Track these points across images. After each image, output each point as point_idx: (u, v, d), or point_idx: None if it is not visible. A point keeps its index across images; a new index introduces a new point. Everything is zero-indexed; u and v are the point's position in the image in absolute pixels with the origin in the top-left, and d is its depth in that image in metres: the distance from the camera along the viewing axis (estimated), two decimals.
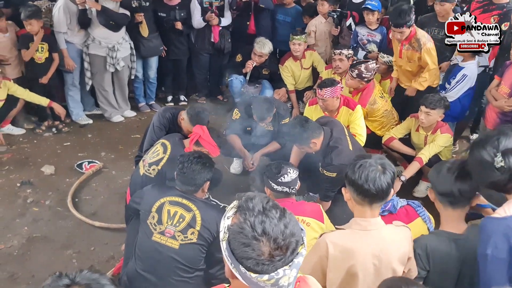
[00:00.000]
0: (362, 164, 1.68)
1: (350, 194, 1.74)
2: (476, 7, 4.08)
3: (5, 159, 4.09)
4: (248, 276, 1.01)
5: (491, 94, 3.64)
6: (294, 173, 2.44)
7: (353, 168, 1.69)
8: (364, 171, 1.66)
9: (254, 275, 1.00)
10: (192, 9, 4.97)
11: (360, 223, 1.72)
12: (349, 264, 1.69)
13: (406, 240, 1.79)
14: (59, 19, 4.33)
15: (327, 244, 1.70)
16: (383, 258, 1.70)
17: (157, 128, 3.20)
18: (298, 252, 1.04)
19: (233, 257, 1.03)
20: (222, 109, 4.98)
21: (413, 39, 3.73)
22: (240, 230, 1.01)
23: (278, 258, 1.00)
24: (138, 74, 5.06)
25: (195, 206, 2.26)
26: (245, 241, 1.00)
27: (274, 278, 1.00)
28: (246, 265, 1.01)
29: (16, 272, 2.82)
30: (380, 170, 1.66)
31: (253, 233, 1.00)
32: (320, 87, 3.44)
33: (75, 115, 4.84)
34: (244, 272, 1.01)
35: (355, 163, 1.70)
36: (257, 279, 1.00)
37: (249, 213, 1.03)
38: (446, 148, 3.59)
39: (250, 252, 1.00)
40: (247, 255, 1.00)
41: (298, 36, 4.71)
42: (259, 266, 0.99)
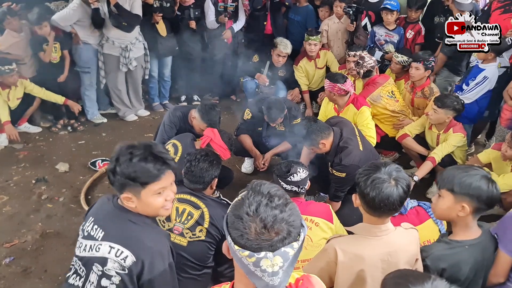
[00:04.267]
0: (375, 180, 1.62)
1: (360, 203, 1.70)
2: (497, 7, 4.00)
3: (21, 157, 4.18)
4: (232, 247, 1.05)
5: (508, 93, 3.57)
6: (304, 172, 2.42)
7: (365, 182, 1.64)
8: (377, 189, 1.61)
9: (237, 248, 1.04)
10: (206, 9, 4.99)
11: (370, 229, 1.69)
12: (358, 270, 1.68)
13: (414, 242, 1.77)
14: (67, 14, 4.35)
15: (336, 250, 1.68)
16: (392, 261, 1.68)
17: (168, 126, 3.22)
18: (288, 242, 1.04)
19: (226, 226, 1.08)
20: (235, 109, 5.00)
21: (427, 88, 3.91)
22: (238, 204, 1.07)
23: (263, 238, 1.02)
24: (153, 73, 5.12)
25: (204, 204, 2.26)
26: (238, 213, 1.05)
27: (255, 257, 1.02)
28: (233, 236, 1.05)
29: (29, 266, 2.87)
30: (393, 185, 1.62)
31: (247, 209, 1.04)
32: (326, 77, 3.57)
33: (90, 114, 4.92)
34: (230, 242, 1.06)
35: (368, 177, 1.64)
36: (239, 253, 1.04)
37: (253, 193, 1.07)
38: (460, 149, 3.52)
39: (238, 223, 1.04)
40: (235, 225, 1.05)
41: (314, 37, 4.70)
42: (243, 239, 1.03)
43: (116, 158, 1.52)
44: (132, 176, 1.50)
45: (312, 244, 2.31)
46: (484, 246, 1.87)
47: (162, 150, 1.58)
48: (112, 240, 1.54)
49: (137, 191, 1.53)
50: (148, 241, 1.54)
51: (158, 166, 1.52)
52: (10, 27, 4.27)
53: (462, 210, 1.78)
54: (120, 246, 1.53)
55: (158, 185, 1.54)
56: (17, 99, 4.32)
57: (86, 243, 1.59)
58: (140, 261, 1.51)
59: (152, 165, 1.51)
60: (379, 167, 1.66)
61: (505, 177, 3.04)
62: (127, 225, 1.57)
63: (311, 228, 2.32)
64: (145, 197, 1.55)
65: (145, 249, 1.53)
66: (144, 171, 1.50)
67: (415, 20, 4.59)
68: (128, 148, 1.53)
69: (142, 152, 1.52)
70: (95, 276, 1.55)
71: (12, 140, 4.28)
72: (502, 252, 1.92)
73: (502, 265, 1.93)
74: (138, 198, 1.55)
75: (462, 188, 1.75)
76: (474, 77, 3.79)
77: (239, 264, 1.06)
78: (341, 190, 3.03)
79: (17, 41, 4.33)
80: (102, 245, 1.55)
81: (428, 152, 3.56)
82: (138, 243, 1.53)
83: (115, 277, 1.52)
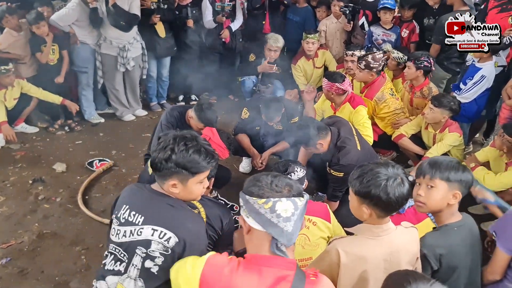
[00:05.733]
0: (381, 178, 1.60)
1: (364, 205, 1.65)
2: (493, 5, 4.00)
3: (18, 157, 4.17)
4: (250, 202, 1.32)
5: (506, 92, 3.57)
6: (301, 172, 2.42)
7: (371, 182, 1.60)
8: (389, 187, 1.59)
9: (255, 199, 1.31)
10: (203, 9, 4.99)
11: (373, 230, 1.68)
12: (361, 271, 1.67)
13: (415, 241, 1.77)
14: (66, 13, 4.35)
15: (339, 252, 1.66)
16: (394, 261, 1.68)
17: (165, 126, 3.20)
18: (294, 195, 1.33)
19: (242, 193, 1.37)
20: (233, 108, 4.99)
21: (425, 88, 3.90)
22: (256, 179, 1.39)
23: (276, 190, 1.32)
24: (152, 73, 5.11)
25: (200, 204, 2.24)
26: (256, 176, 1.40)
27: (271, 201, 1.30)
28: (250, 191, 1.34)
29: (26, 267, 2.86)
30: (399, 182, 1.61)
31: (263, 178, 1.38)
32: (324, 75, 3.54)
33: (87, 114, 4.91)
34: (247, 198, 1.34)
35: (375, 176, 1.61)
36: (257, 203, 1.31)
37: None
38: (456, 148, 3.52)
39: (255, 184, 1.36)
40: (251, 186, 1.35)
41: (312, 35, 4.70)
42: (260, 190, 1.33)
43: (171, 148, 1.61)
44: (186, 166, 1.62)
45: (310, 243, 2.30)
46: (469, 227, 1.91)
47: (208, 144, 1.73)
48: (153, 223, 1.62)
49: (186, 179, 1.65)
50: (188, 223, 1.66)
51: (208, 159, 1.66)
52: (9, 26, 4.26)
53: (454, 198, 1.81)
54: (163, 228, 1.61)
55: (204, 175, 1.68)
56: (13, 99, 4.31)
57: (126, 229, 1.66)
58: (182, 241, 1.60)
59: (204, 157, 1.64)
60: (379, 167, 1.65)
61: (502, 176, 3.04)
62: (166, 209, 1.66)
63: (308, 227, 2.32)
64: (191, 184, 1.67)
65: (186, 229, 1.63)
66: (197, 162, 1.63)
67: (409, 19, 4.60)
68: (181, 139, 1.64)
69: (196, 144, 1.65)
70: (139, 258, 1.63)
71: (9, 140, 4.26)
72: (499, 250, 1.93)
73: (499, 263, 1.94)
74: (184, 185, 1.66)
75: (456, 176, 1.80)
76: (472, 76, 3.78)
77: (256, 219, 1.31)
78: (339, 190, 3.02)
79: (16, 40, 4.32)
80: (144, 229, 1.63)
81: (424, 152, 3.56)
82: (179, 225, 1.62)
83: (158, 258, 1.60)
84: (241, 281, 1.29)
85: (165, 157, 1.61)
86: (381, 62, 3.81)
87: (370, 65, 3.72)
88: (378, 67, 3.76)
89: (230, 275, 1.31)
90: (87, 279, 2.77)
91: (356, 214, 1.74)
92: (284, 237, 1.30)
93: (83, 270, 2.86)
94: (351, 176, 1.70)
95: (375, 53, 3.79)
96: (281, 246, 1.32)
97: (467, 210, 3.45)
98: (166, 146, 1.63)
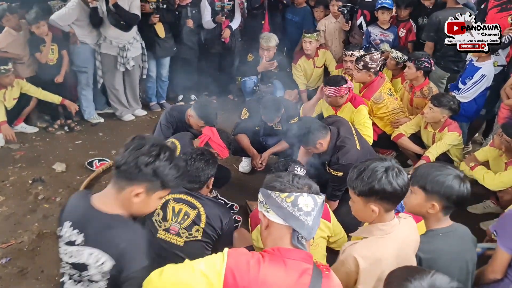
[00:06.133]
0: (379, 170, 1.61)
1: (371, 203, 1.65)
2: (493, 5, 4.00)
3: (17, 157, 4.16)
4: (272, 196, 1.37)
5: (505, 92, 3.57)
6: (301, 171, 2.42)
7: (375, 177, 1.60)
8: (389, 176, 1.60)
9: (277, 193, 1.37)
10: (202, 9, 4.99)
11: (382, 228, 1.68)
12: (379, 272, 1.66)
13: (414, 229, 1.79)
14: (66, 13, 4.35)
15: (356, 258, 1.65)
16: (403, 254, 1.68)
17: (164, 126, 3.21)
18: (313, 192, 1.39)
19: (264, 188, 1.42)
20: (233, 108, 4.99)
21: (426, 87, 3.90)
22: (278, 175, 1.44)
23: (297, 186, 1.38)
24: (151, 73, 5.11)
25: (200, 204, 2.26)
26: (277, 174, 1.45)
27: (293, 195, 1.35)
28: (272, 185, 1.39)
29: (25, 267, 2.85)
30: (397, 171, 1.63)
31: (288, 177, 1.43)
32: (325, 84, 3.48)
33: (87, 114, 4.91)
34: (269, 193, 1.38)
35: (373, 171, 1.62)
36: (279, 196, 1.36)
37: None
38: (456, 148, 3.53)
39: (277, 179, 1.41)
40: (273, 181, 1.41)
41: (309, 34, 4.71)
42: (282, 185, 1.38)
43: (156, 153, 1.49)
44: (164, 177, 1.50)
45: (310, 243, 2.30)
46: (459, 235, 1.89)
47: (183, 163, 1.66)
48: (91, 245, 1.50)
49: (154, 190, 1.53)
50: (127, 241, 1.50)
51: (181, 178, 1.58)
52: (9, 25, 4.26)
53: (432, 208, 1.80)
54: (99, 250, 1.49)
55: (168, 191, 1.58)
56: (13, 99, 4.30)
57: (71, 250, 1.54)
58: (119, 262, 1.48)
59: (180, 174, 1.55)
60: (372, 162, 1.66)
61: (502, 175, 3.05)
62: (105, 227, 1.50)
63: None
64: (155, 197, 1.55)
65: (124, 249, 1.49)
66: (174, 177, 1.53)
67: (405, 18, 4.60)
68: (165, 148, 1.53)
69: (178, 160, 1.56)
70: (86, 279, 1.55)
71: (9, 140, 4.26)
72: (500, 249, 1.93)
73: (500, 262, 1.94)
74: (148, 197, 1.53)
75: (434, 187, 1.77)
76: (471, 76, 3.77)
77: (278, 212, 1.36)
78: (339, 189, 3.02)
79: (15, 39, 4.32)
80: (83, 251, 1.51)
81: (424, 151, 3.56)
82: (117, 245, 1.48)
83: (101, 280, 1.52)
84: (269, 272, 1.29)
85: (147, 161, 1.47)
86: (379, 63, 3.81)
87: (368, 65, 3.72)
88: (376, 67, 3.76)
89: (258, 266, 1.30)
90: None
91: (363, 217, 1.72)
92: (305, 230, 1.36)
93: None
94: (350, 179, 1.69)
95: (373, 54, 3.79)
96: (301, 239, 1.37)
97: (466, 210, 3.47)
98: (150, 151, 1.48)
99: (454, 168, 1.87)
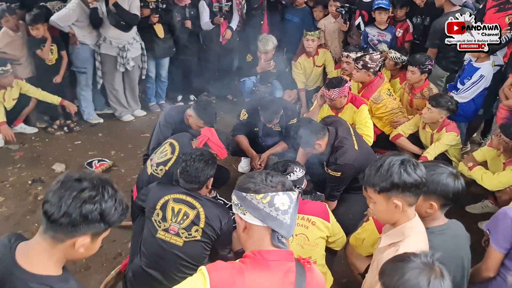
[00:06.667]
0: (393, 163, 1.62)
1: (393, 198, 1.63)
2: (491, 5, 4.01)
3: (17, 157, 4.17)
4: (248, 198, 1.35)
5: (504, 92, 3.58)
6: (300, 172, 2.41)
7: (393, 170, 1.61)
8: (406, 168, 1.61)
9: (252, 194, 1.35)
10: (201, 10, 5.00)
11: (412, 225, 1.67)
12: None
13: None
14: (66, 14, 4.36)
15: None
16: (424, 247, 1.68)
17: (164, 127, 3.21)
18: (287, 189, 1.38)
19: (237, 190, 1.39)
20: (232, 109, 4.99)
21: (426, 88, 3.91)
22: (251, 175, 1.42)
23: (270, 185, 1.36)
24: (151, 74, 5.12)
25: (199, 204, 2.27)
26: (249, 174, 1.43)
27: (269, 196, 1.34)
28: (246, 188, 1.36)
29: None
30: (414, 163, 1.64)
31: (260, 176, 1.40)
32: (328, 88, 3.45)
33: (86, 114, 4.91)
34: (244, 195, 1.36)
35: (391, 165, 1.62)
36: (255, 198, 1.34)
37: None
38: (454, 148, 3.54)
39: (250, 180, 1.38)
40: (246, 183, 1.38)
41: (311, 32, 4.72)
42: (256, 186, 1.36)
43: (101, 194, 1.25)
44: (111, 217, 1.27)
45: (309, 243, 2.31)
46: (454, 232, 1.90)
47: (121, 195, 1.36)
48: None
49: (100, 234, 1.29)
50: None
51: (125, 211, 1.34)
52: (8, 25, 4.26)
53: (430, 208, 1.81)
54: None
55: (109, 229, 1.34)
56: (12, 99, 4.31)
57: None
58: None
59: (123, 208, 1.32)
60: (387, 157, 1.66)
61: (500, 175, 3.06)
62: None
63: (307, 227, 2.32)
64: (99, 240, 1.32)
65: None
66: (119, 216, 1.30)
67: (402, 18, 4.61)
68: (106, 184, 1.29)
69: (114, 192, 1.30)
70: None
71: (8, 140, 4.26)
72: (493, 248, 1.95)
73: (493, 260, 1.96)
74: (93, 242, 1.29)
75: (430, 186, 1.77)
76: (470, 76, 3.78)
77: (255, 214, 1.34)
78: (337, 190, 3.03)
79: (13, 40, 4.32)
80: None
81: (422, 151, 3.57)
82: None
83: None
84: (254, 278, 1.30)
85: (93, 208, 1.22)
86: (378, 63, 3.82)
87: (367, 65, 3.74)
88: (375, 67, 3.77)
89: (242, 275, 1.29)
90: (87, 279, 2.78)
91: (386, 217, 1.70)
92: (284, 229, 1.36)
93: (83, 270, 2.86)
94: (369, 178, 1.67)
95: (373, 54, 3.80)
96: (281, 238, 1.37)
97: (465, 209, 3.48)
98: (93, 194, 1.23)
99: (446, 165, 1.88)
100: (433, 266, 1.33)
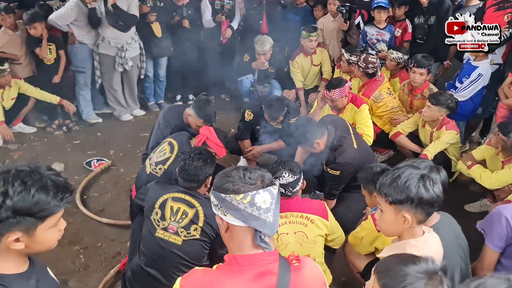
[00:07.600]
0: (412, 176, 1.56)
1: (404, 212, 1.57)
2: (491, 4, 4.01)
3: (15, 157, 4.17)
4: (227, 200, 1.27)
5: (503, 91, 3.59)
6: (290, 176, 2.35)
7: (411, 183, 1.55)
8: (426, 184, 1.55)
9: (232, 195, 1.27)
10: (203, 8, 4.99)
11: (415, 244, 1.60)
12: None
13: (439, 245, 1.72)
14: (64, 13, 4.36)
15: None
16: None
17: (163, 126, 3.21)
18: (267, 184, 1.30)
19: (215, 191, 1.31)
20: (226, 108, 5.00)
21: (426, 89, 3.91)
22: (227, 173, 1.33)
23: (249, 182, 1.28)
24: (149, 73, 5.12)
25: (198, 203, 2.27)
26: (226, 172, 1.33)
27: (249, 195, 1.27)
28: (225, 189, 1.28)
29: None
30: (433, 179, 1.59)
31: (237, 174, 1.32)
32: (329, 89, 3.46)
33: (85, 114, 4.91)
34: (223, 197, 1.28)
35: (410, 177, 1.56)
36: (235, 199, 1.27)
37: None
38: (453, 146, 3.54)
39: (227, 179, 1.30)
40: (224, 183, 1.29)
41: (314, 33, 4.70)
42: (234, 186, 1.28)
43: (2, 191, 1.15)
44: (31, 211, 1.18)
45: (307, 241, 2.31)
46: (449, 225, 1.90)
47: (59, 174, 1.27)
48: None
49: (33, 227, 1.21)
50: None
51: (61, 194, 1.23)
52: (5, 25, 4.26)
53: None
54: None
55: (58, 215, 1.26)
56: (11, 99, 4.31)
57: None
58: None
59: (54, 193, 1.21)
60: (406, 168, 1.60)
61: (498, 174, 3.07)
62: None
63: (306, 225, 2.32)
64: (41, 232, 1.23)
65: None
66: (47, 203, 1.19)
67: (401, 18, 4.60)
68: (15, 176, 1.18)
69: (39, 179, 1.20)
70: None
71: (7, 140, 4.27)
72: (488, 247, 1.96)
73: (488, 260, 1.97)
74: (31, 236, 1.21)
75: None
76: (468, 75, 3.79)
77: (236, 215, 1.27)
78: (336, 188, 3.02)
79: (12, 39, 4.32)
80: None
81: (421, 150, 3.57)
82: None
83: None
84: (226, 285, 1.27)
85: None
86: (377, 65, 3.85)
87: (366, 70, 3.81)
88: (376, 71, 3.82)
89: (213, 283, 1.27)
90: (86, 278, 2.78)
91: (391, 229, 1.66)
92: (267, 227, 1.30)
93: (82, 269, 2.87)
94: (382, 187, 1.61)
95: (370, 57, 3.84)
96: (264, 237, 1.32)
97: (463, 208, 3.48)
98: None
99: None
100: (435, 276, 1.26)
